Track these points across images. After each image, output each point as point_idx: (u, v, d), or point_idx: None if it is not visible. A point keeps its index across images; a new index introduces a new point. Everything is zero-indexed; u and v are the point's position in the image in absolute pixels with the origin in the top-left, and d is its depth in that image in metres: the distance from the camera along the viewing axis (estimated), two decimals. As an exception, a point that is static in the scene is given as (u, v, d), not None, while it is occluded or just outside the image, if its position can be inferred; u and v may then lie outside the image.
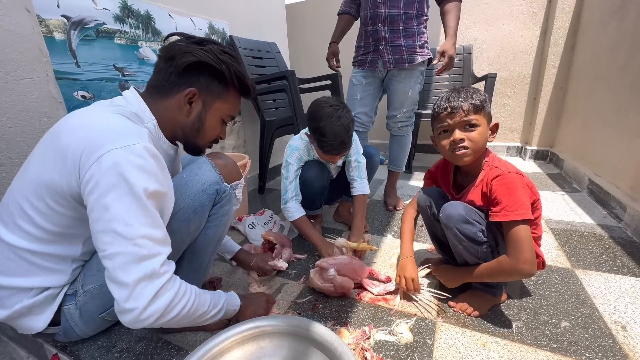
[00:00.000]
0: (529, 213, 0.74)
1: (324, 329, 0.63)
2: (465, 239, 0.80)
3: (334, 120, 1.07)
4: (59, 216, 0.62)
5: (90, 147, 0.54)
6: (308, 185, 1.25)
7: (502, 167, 0.81)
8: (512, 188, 0.76)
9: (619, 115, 1.48)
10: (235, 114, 0.78)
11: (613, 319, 0.82)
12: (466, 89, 0.83)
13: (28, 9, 0.99)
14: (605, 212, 1.46)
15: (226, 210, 0.78)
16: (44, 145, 0.63)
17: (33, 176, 0.61)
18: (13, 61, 0.96)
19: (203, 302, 0.66)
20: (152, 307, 0.55)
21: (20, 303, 0.66)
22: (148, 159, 0.56)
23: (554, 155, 2.31)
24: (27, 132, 1.01)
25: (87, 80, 1.17)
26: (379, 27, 1.39)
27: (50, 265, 0.67)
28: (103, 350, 0.78)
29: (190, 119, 0.71)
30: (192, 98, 0.69)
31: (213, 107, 0.72)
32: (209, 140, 0.76)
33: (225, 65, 0.68)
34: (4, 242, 0.64)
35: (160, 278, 0.56)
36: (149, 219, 0.56)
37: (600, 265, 1.06)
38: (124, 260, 0.54)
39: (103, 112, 0.63)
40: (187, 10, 1.57)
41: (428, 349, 0.76)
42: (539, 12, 2.25)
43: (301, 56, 3.06)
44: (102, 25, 1.21)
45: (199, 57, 0.65)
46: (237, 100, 0.76)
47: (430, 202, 0.95)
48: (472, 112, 0.79)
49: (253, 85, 0.76)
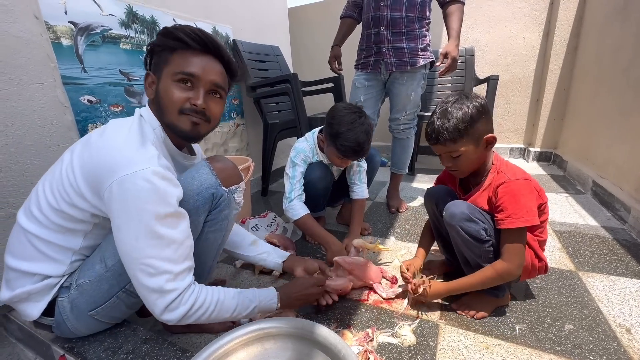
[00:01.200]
0: (535, 218, 0.75)
1: (327, 331, 0.63)
2: (468, 237, 0.80)
3: (357, 126, 1.09)
4: (62, 213, 0.67)
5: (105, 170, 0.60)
6: (312, 187, 1.26)
7: (508, 173, 0.81)
8: (517, 195, 0.76)
9: (623, 117, 1.47)
10: (186, 68, 0.69)
11: (617, 322, 0.82)
12: (452, 107, 0.80)
13: (36, 16, 1.01)
14: (609, 214, 1.45)
15: (225, 214, 0.77)
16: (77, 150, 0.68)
17: (57, 175, 0.67)
18: (22, 67, 0.98)
19: (227, 310, 0.70)
20: (166, 316, 0.63)
21: (22, 287, 0.70)
22: (157, 183, 0.60)
23: (557, 156, 2.30)
24: (35, 136, 1.03)
25: (94, 85, 1.19)
26: (381, 29, 1.40)
27: (51, 254, 0.70)
28: (109, 351, 0.79)
29: (154, 98, 0.72)
30: (151, 81, 0.72)
31: (162, 75, 0.70)
32: (175, 109, 0.69)
33: (160, 35, 0.69)
34: (19, 226, 0.70)
35: (170, 294, 0.62)
36: (157, 240, 0.61)
37: (605, 267, 1.06)
38: (136, 277, 0.62)
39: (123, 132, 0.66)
40: (191, 15, 1.59)
41: (431, 352, 0.76)
42: (541, 14, 2.25)
43: (304, 59, 3.07)
44: (108, 31, 1.23)
45: (150, 45, 0.71)
46: (185, 55, 0.69)
47: (437, 200, 0.95)
48: (451, 143, 0.79)
49: (191, 32, 0.68)
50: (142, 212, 0.59)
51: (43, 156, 1.05)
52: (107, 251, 0.71)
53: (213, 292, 0.69)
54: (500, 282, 0.81)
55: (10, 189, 0.98)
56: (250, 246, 0.97)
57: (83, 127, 1.17)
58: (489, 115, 0.81)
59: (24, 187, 1.01)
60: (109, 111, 1.25)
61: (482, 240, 0.80)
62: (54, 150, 1.08)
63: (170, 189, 0.63)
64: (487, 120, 0.80)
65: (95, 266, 0.72)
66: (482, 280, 0.81)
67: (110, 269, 0.70)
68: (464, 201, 0.84)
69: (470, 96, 0.81)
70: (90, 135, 0.69)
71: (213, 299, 0.68)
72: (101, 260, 0.71)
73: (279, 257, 0.98)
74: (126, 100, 1.31)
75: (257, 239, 1.01)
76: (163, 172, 0.62)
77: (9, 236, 0.98)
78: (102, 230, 0.72)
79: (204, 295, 0.67)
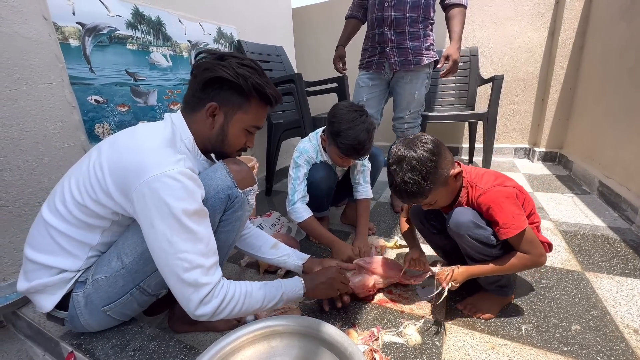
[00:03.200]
0: (523, 221, 0.75)
1: (334, 330, 0.64)
2: (478, 244, 0.78)
3: (358, 124, 1.08)
4: (85, 208, 0.69)
5: (136, 170, 0.63)
6: (316, 187, 1.26)
7: (480, 184, 0.80)
8: (498, 204, 0.76)
9: (630, 116, 1.46)
10: (260, 123, 0.80)
11: (625, 323, 0.81)
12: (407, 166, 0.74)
13: (45, 17, 1.02)
14: (616, 215, 1.44)
15: (238, 215, 0.79)
16: (104, 148, 0.70)
17: (84, 170, 0.69)
18: (30, 67, 0.99)
19: (256, 301, 0.71)
20: (200, 310, 0.64)
21: (39, 280, 0.71)
22: (185, 181, 0.63)
23: (562, 156, 2.29)
24: (43, 136, 1.04)
25: (101, 85, 1.20)
26: (385, 29, 1.40)
27: (70, 248, 0.72)
28: (117, 348, 0.80)
29: (214, 131, 0.75)
30: (214, 111, 0.73)
31: (234, 118, 0.75)
32: (236, 149, 0.80)
33: (243, 78, 0.70)
34: (42, 218, 0.72)
35: (204, 288, 0.64)
36: (189, 234, 0.63)
37: (612, 268, 1.05)
38: (172, 272, 0.63)
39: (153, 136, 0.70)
40: (196, 16, 1.60)
41: (437, 351, 0.76)
42: (546, 13, 2.24)
43: (308, 59, 3.08)
44: (115, 32, 1.24)
45: (217, 72, 0.69)
46: (260, 110, 0.78)
47: (423, 218, 0.97)
48: (423, 199, 0.78)
49: (275, 94, 0.77)
50: (173, 209, 0.61)
51: (51, 155, 1.06)
52: (124, 248, 0.72)
53: (241, 285, 0.71)
54: (523, 269, 0.81)
55: (19, 188, 0.99)
56: (271, 249, 0.99)
57: (90, 127, 1.18)
58: (444, 151, 0.78)
59: (32, 186, 1.02)
60: (116, 111, 1.27)
61: (492, 245, 0.78)
62: (62, 150, 1.09)
63: (196, 188, 0.66)
64: (444, 159, 0.77)
65: (111, 262, 0.73)
66: (508, 267, 0.78)
67: (126, 266, 0.72)
68: (465, 207, 0.82)
69: (417, 145, 0.76)
70: (118, 136, 0.72)
71: (242, 291, 0.69)
72: (118, 257, 0.73)
73: (299, 260, 1.00)
74: (132, 101, 1.33)
75: (277, 242, 1.02)
76: (189, 173, 0.65)
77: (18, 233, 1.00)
78: (119, 227, 0.74)
79: (233, 289, 0.68)
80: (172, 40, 1.49)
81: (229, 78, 0.70)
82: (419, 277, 0.94)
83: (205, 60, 0.72)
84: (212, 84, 0.71)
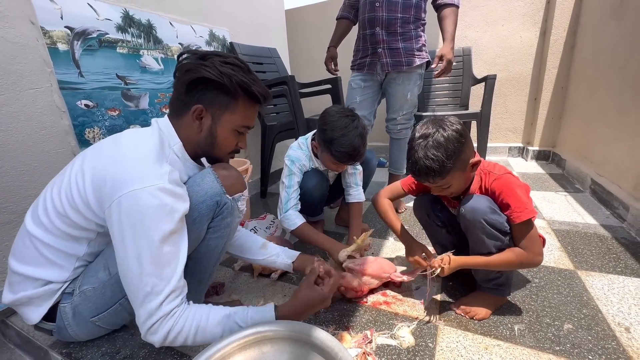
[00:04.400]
0: (534, 210, 0.76)
1: (325, 334, 0.63)
2: (493, 229, 0.77)
3: (351, 130, 1.06)
4: (68, 219, 0.67)
5: (115, 182, 0.60)
6: (309, 195, 1.24)
7: (495, 170, 0.82)
8: (512, 189, 0.77)
9: (621, 115, 1.47)
10: (250, 123, 0.77)
11: (617, 321, 0.82)
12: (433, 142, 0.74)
13: (32, 21, 1.01)
14: (608, 213, 1.45)
15: (228, 222, 0.77)
16: (87, 157, 0.68)
17: (66, 181, 0.67)
18: (17, 72, 0.98)
19: (212, 336, 0.67)
20: (149, 338, 0.63)
21: (25, 292, 0.70)
22: (164, 199, 0.61)
23: (555, 155, 2.30)
24: (32, 142, 1.03)
25: (90, 89, 1.19)
26: (376, 30, 1.40)
27: (55, 259, 0.70)
28: (107, 356, 0.79)
29: (202, 134, 0.73)
30: (200, 114, 0.71)
31: (222, 119, 0.72)
32: (227, 152, 0.78)
33: (227, 77, 0.67)
34: (25, 229, 0.70)
35: (154, 316, 0.61)
36: (158, 257, 0.61)
37: (604, 266, 1.05)
38: (134, 292, 0.62)
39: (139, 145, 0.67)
40: (187, 19, 1.59)
41: (430, 353, 0.76)
42: (537, 12, 2.25)
43: (301, 61, 3.08)
44: (104, 35, 1.23)
45: (200, 73, 0.67)
46: (248, 109, 0.75)
47: (429, 210, 0.96)
48: (440, 179, 0.76)
49: (263, 92, 0.73)
50: (147, 230, 0.59)
51: (40, 161, 1.05)
52: (111, 259, 0.70)
53: (194, 318, 0.65)
54: (518, 267, 0.82)
55: (7, 195, 0.98)
56: (260, 249, 0.98)
57: (80, 132, 1.17)
58: (469, 139, 0.78)
59: (21, 193, 1.01)
60: (106, 115, 1.25)
61: (505, 232, 0.78)
62: (52, 156, 1.08)
63: (178, 205, 0.63)
64: (468, 144, 0.77)
65: (98, 273, 0.71)
66: (502, 262, 0.78)
67: (114, 276, 0.70)
68: (479, 195, 0.82)
69: (446, 124, 0.76)
70: (103, 143, 0.70)
71: (192, 325, 0.65)
72: (105, 268, 0.71)
73: (288, 258, 0.98)
74: (123, 105, 1.32)
75: (266, 241, 1.00)
76: (171, 189, 0.62)
77: (6, 241, 0.99)
78: (106, 237, 0.71)
79: (182, 323, 0.64)
80: (163, 43, 1.48)
81: (212, 78, 0.67)
82: (411, 274, 0.95)
83: (187, 61, 0.70)
84: (196, 85, 0.69)
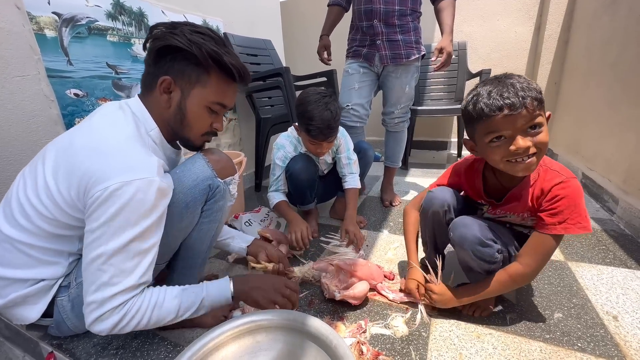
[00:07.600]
0: (590, 225, 0.67)
1: (319, 323, 0.63)
2: (480, 260, 0.75)
3: (321, 105, 1.11)
4: (56, 221, 0.64)
5: (98, 175, 0.57)
6: (296, 177, 1.27)
7: (562, 172, 0.71)
8: (577, 198, 0.67)
9: (611, 110, 1.49)
10: (224, 100, 0.70)
11: (605, 310, 0.83)
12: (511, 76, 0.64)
13: (18, 6, 0.98)
14: (598, 206, 1.47)
15: (220, 205, 0.77)
16: (59, 153, 0.63)
17: (41, 182, 0.62)
18: (3, 59, 0.95)
19: (167, 312, 0.64)
20: (96, 328, 0.60)
21: (16, 292, 0.67)
22: (148, 193, 0.59)
23: (548, 149, 2.33)
24: (19, 131, 1.00)
25: (80, 78, 1.16)
26: (374, 22, 1.39)
27: (48, 258, 0.68)
28: (99, 347, 0.78)
29: (171, 110, 0.68)
30: (168, 87, 0.66)
31: (192, 93, 0.67)
32: (200, 132, 0.72)
33: (197, 46, 0.62)
34: (3, 234, 0.65)
35: (106, 305, 0.59)
36: (126, 253, 0.59)
37: (593, 257, 1.08)
38: (89, 278, 0.59)
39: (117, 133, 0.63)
40: (180, 7, 1.56)
41: (423, 342, 0.77)
42: (532, 7, 2.26)
43: (296, 53, 3.05)
44: (94, 23, 1.20)
45: (167, 40, 0.62)
46: (222, 84, 0.69)
47: (448, 207, 0.83)
48: (538, 109, 0.62)
49: (237, 65, 0.67)
50: (124, 228, 0.57)
51: (28, 151, 1.02)
52: None
53: (151, 296, 0.63)
54: (513, 287, 0.76)
55: (-6, 185, 0.95)
56: None
57: (70, 122, 1.14)
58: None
59: (7, 183, 0.98)
60: (97, 105, 1.22)
61: (494, 262, 0.75)
62: (40, 145, 1.05)
63: (162, 201, 0.62)
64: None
65: None
66: (497, 289, 0.75)
67: None
68: (473, 219, 0.76)
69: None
70: (72, 135, 0.65)
71: (150, 302, 0.62)
72: None
73: (243, 242, 0.98)
74: (114, 94, 1.29)
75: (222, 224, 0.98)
76: (158, 184, 0.60)
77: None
78: None
79: (139, 303, 0.61)
80: (155, 32, 1.44)
81: (180, 46, 0.62)
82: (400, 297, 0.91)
83: (154, 31, 0.65)
84: (163, 54, 0.64)
